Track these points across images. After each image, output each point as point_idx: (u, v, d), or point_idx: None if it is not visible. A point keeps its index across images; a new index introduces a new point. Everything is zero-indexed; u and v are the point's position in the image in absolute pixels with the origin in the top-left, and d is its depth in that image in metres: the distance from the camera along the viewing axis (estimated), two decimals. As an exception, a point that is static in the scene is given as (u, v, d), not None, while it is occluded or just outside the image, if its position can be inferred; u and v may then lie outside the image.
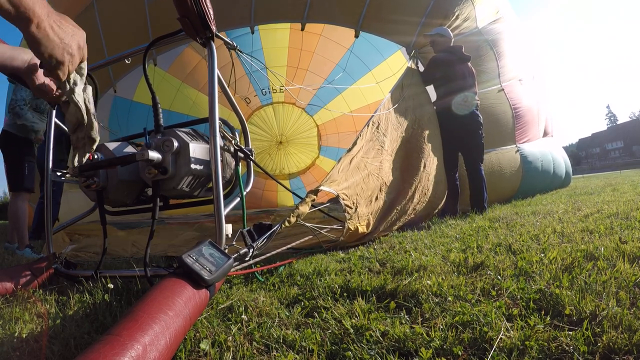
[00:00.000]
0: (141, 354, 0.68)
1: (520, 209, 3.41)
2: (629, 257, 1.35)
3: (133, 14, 4.19)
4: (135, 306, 0.82)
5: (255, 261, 1.60)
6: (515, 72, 4.46)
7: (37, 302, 1.29)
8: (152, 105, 1.53)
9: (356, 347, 0.86)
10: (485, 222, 2.73)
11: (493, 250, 1.72)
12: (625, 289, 1.05)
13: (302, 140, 7.72)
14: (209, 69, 1.45)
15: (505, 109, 4.30)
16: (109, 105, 5.25)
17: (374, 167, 2.74)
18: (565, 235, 1.92)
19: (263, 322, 1.03)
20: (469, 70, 3.76)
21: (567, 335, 0.82)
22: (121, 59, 1.79)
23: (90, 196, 1.64)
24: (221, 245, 1.33)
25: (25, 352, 0.91)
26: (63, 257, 1.78)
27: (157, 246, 2.78)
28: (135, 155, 1.37)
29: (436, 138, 3.58)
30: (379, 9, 3.99)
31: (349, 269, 1.63)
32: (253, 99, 6.84)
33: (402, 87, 3.47)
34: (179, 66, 5.74)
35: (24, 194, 2.96)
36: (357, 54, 5.76)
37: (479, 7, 4.21)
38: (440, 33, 3.82)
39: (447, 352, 0.82)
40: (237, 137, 1.81)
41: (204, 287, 1.03)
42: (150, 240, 1.42)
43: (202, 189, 1.67)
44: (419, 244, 2.07)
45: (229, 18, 4.07)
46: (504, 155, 4.27)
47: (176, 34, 1.53)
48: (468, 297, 1.11)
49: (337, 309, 1.10)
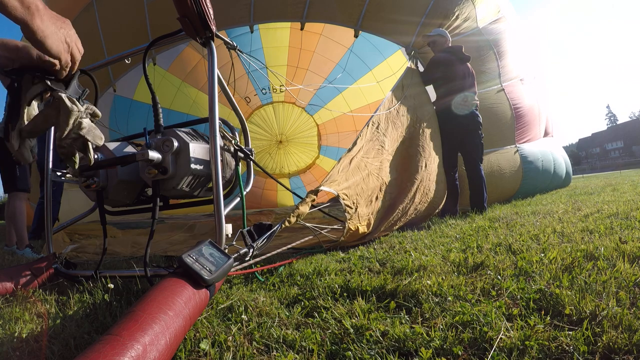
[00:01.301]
0: (141, 353, 0.68)
1: (520, 209, 3.41)
2: (629, 257, 1.36)
3: (133, 14, 4.19)
4: (135, 306, 0.82)
5: (255, 261, 1.60)
6: (516, 72, 4.46)
7: (37, 302, 1.29)
8: (152, 105, 1.53)
9: (356, 347, 0.86)
10: (485, 222, 2.73)
11: (493, 250, 1.73)
12: (625, 289, 1.05)
13: (302, 140, 7.72)
14: (208, 69, 1.45)
15: (505, 109, 4.30)
16: (109, 104, 5.25)
17: (374, 167, 2.74)
18: (565, 235, 1.92)
19: (263, 322, 1.03)
20: (469, 71, 3.76)
21: (567, 335, 0.82)
22: (121, 59, 1.79)
23: (90, 196, 1.64)
24: (221, 245, 1.33)
25: (25, 352, 0.91)
26: (63, 257, 1.78)
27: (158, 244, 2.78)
28: (135, 155, 1.37)
29: (436, 138, 3.58)
30: (379, 9, 3.99)
31: (349, 269, 1.63)
32: (253, 98, 6.84)
33: (403, 87, 3.47)
34: (179, 65, 5.74)
35: (20, 194, 2.96)
36: (357, 54, 5.76)
37: (480, 6, 4.20)
38: (441, 34, 3.82)
39: (447, 352, 0.82)
40: (237, 136, 1.81)
41: (204, 287, 1.03)
42: (151, 240, 1.42)
43: (202, 189, 1.67)
44: (419, 244, 2.07)
45: (228, 17, 4.07)
46: (504, 155, 4.27)
47: (176, 33, 1.53)
48: (468, 297, 1.11)
49: (337, 309, 1.10)
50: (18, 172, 2.92)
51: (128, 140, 1.74)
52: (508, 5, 4.79)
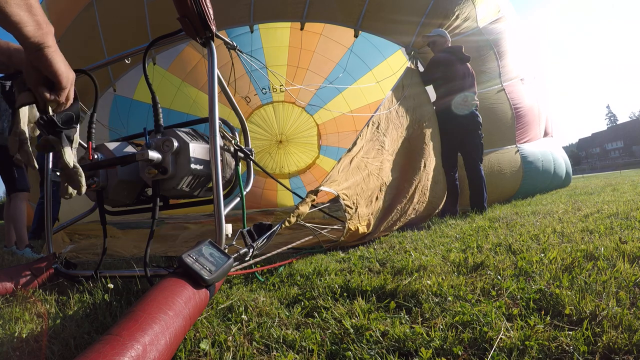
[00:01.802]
0: (141, 353, 0.68)
1: (520, 209, 3.41)
2: (629, 257, 1.35)
3: (133, 14, 4.18)
4: (135, 306, 0.82)
5: (255, 261, 1.60)
6: (516, 72, 4.45)
7: (37, 302, 1.29)
8: (152, 106, 1.53)
9: (356, 347, 0.86)
10: (485, 222, 2.73)
11: (493, 250, 1.73)
12: (625, 289, 1.05)
13: (302, 140, 7.73)
14: (208, 69, 1.45)
15: (505, 109, 4.29)
16: (109, 104, 5.25)
17: (374, 167, 2.74)
18: (565, 235, 1.92)
19: (263, 322, 1.03)
20: (469, 71, 3.76)
21: (567, 335, 0.82)
22: (121, 59, 1.79)
23: (90, 196, 1.64)
24: (221, 245, 1.33)
25: (25, 352, 0.91)
26: (63, 257, 1.78)
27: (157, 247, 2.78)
28: (135, 155, 1.37)
29: (436, 138, 3.58)
30: (379, 9, 3.98)
31: (349, 269, 1.63)
32: (253, 97, 6.84)
33: (403, 87, 3.47)
34: (179, 65, 5.74)
35: (20, 194, 2.98)
36: (357, 53, 5.76)
37: (480, 6, 4.20)
38: (440, 34, 3.82)
39: (447, 352, 0.82)
40: (237, 136, 1.81)
41: (203, 287, 1.03)
42: (150, 240, 1.42)
43: (202, 189, 1.67)
44: (419, 244, 2.07)
45: (228, 17, 4.07)
46: (504, 155, 4.27)
47: (176, 33, 1.53)
48: (468, 297, 1.11)
49: (337, 309, 1.10)
50: (16, 173, 2.94)
51: (128, 140, 1.74)
52: (508, 5, 4.79)
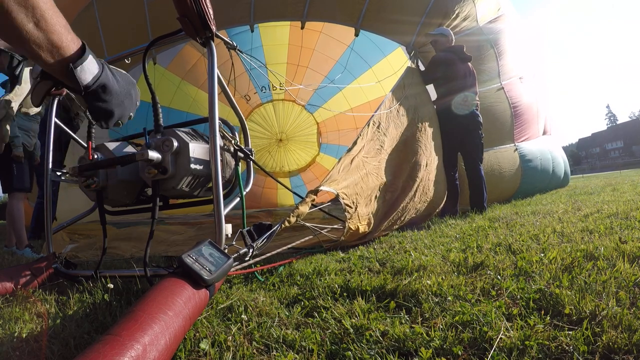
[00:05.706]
0: (141, 354, 0.68)
1: (520, 208, 3.41)
2: (629, 257, 1.36)
3: (133, 13, 4.18)
4: (135, 306, 0.82)
5: (255, 261, 1.60)
6: (515, 71, 4.45)
7: (37, 302, 1.29)
8: (152, 106, 1.52)
9: (356, 347, 0.86)
10: (485, 222, 2.73)
11: (493, 250, 1.73)
12: (625, 289, 1.05)
13: (302, 138, 7.72)
14: (208, 69, 1.45)
15: (505, 108, 4.29)
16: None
17: (374, 166, 2.73)
18: (565, 235, 1.92)
19: (263, 322, 1.03)
20: (470, 70, 3.76)
21: (567, 335, 0.82)
22: (121, 58, 1.78)
23: (90, 196, 1.64)
24: (221, 245, 1.33)
25: (25, 352, 0.91)
26: (63, 257, 1.78)
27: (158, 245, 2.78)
28: (135, 155, 1.37)
29: (437, 138, 3.57)
30: (379, 8, 3.98)
31: (349, 268, 1.63)
32: (253, 96, 6.84)
33: (403, 87, 3.46)
34: (178, 63, 5.73)
35: (18, 194, 2.96)
36: (357, 51, 5.76)
37: (480, 5, 4.19)
38: (443, 33, 3.82)
39: (447, 351, 0.82)
40: (237, 136, 1.80)
41: (203, 287, 1.03)
42: (150, 240, 1.42)
43: (202, 188, 1.67)
44: (419, 244, 2.07)
45: (228, 17, 4.07)
46: (503, 154, 4.27)
47: (176, 33, 1.52)
48: (468, 297, 1.11)
49: (337, 309, 1.10)
50: (15, 171, 2.91)
51: (128, 140, 1.74)
52: (508, 3, 4.78)
